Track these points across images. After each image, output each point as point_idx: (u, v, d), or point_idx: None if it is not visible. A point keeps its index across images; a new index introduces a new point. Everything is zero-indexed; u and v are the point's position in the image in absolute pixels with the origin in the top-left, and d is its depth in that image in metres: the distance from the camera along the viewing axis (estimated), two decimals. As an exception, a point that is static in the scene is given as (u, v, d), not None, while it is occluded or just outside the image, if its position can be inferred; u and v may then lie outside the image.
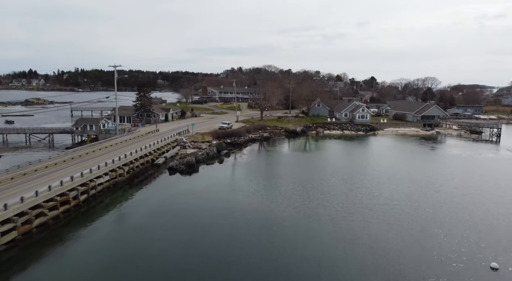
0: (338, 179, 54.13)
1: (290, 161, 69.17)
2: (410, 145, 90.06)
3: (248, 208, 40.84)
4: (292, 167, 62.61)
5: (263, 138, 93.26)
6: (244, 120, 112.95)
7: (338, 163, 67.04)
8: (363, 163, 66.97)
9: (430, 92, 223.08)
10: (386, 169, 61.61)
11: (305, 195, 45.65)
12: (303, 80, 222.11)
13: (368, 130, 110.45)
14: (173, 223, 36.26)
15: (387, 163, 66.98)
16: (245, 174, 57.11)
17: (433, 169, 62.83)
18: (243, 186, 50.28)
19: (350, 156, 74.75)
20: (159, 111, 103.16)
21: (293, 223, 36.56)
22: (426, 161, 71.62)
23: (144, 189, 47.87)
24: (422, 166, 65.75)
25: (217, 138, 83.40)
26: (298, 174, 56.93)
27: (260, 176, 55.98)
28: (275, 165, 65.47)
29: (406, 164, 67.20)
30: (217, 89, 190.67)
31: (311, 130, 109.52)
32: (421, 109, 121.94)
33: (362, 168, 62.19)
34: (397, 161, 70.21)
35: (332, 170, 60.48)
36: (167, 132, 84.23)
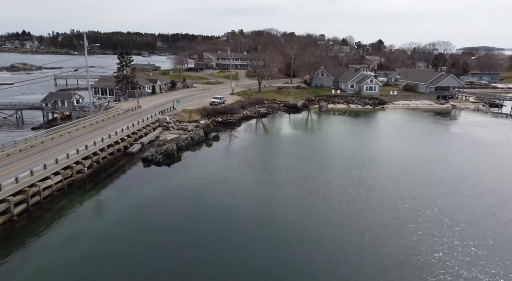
0: (345, 177, 45.21)
1: (288, 146, 60.01)
2: (424, 123, 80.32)
3: (239, 216, 32.42)
4: (290, 155, 53.57)
5: (260, 114, 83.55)
6: (240, 92, 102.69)
7: (342, 150, 57.78)
8: (371, 151, 57.70)
9: (442, 58, 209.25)
10: (400, 159, 52.46)
11: (308, 196, 37.02)
12: (307, 45, 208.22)
13: (377, 104, 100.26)
14: (139, 244, 27.98)
15: (400, 151, 57.72)
16: (235, 165, 48.30)
17: (457, 159, 53.55)
18: (231, 182, 41.66)
19: (355, 139, 65.37)
20: (145, 83, 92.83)
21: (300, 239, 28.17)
22: (447, 147, 62.19)
23: (105, 190, 39.21)
24: (443, 155, 56.44)
25: (206, 116, 73.92)
26: (297, 165, 48.01)
27: (252, 168, 47.14)
28: (271, 152, 56.43)
29: (423, 152, 57.85)
30: (214, 55, 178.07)
31: (313, 104, 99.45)
32: (435, 79, 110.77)
33: (371, 158, 53.03)
34: (411, 147, 60.82)
35: (336, 159, 51.41)
36: (151, 108, 74.61)
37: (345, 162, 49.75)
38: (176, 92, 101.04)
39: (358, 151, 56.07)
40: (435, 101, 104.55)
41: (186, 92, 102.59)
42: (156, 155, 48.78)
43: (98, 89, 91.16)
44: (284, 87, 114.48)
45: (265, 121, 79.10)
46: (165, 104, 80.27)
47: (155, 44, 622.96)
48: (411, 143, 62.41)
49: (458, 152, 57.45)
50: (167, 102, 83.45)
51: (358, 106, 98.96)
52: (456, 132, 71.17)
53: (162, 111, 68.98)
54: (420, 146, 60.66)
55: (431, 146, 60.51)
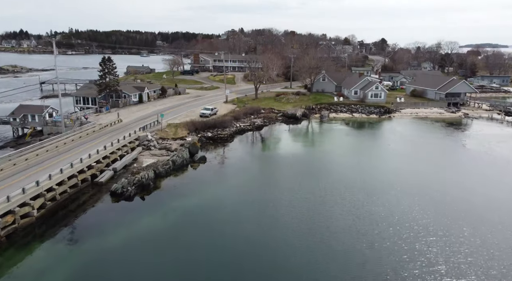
0: (352, 219, 37.70)
1: (284, 169, 52.38)
2: (436, 137, 72.66)
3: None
4: (286, 183, 46.11)
5: (255, 127, 76.03)
6: (235, 100, 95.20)
7: (347, 176, 50.21)
8: (382, 176, 50.11)
9: (448, 59, 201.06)
10: (421, 189, 44.92)
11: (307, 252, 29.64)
12: (308, 46, 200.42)
13: (383, 113, 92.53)
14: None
15: (417, 177, 50.09)
16: (220, 198, 40.96)
17: (490, 189, 46.02)
18: (215, 224, 34.25)
19: (361, 160, 57.66)
20: (131, 91, 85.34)
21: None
22: (469, 170, 54.54)
23: (55, 240, 31.80)
24: (467, 182, 48.89)
25: (195, 130, 66.45)
26: (294, 199, 40.53)
27: (240, 202, 39.78)
28: (264, 179, 48.95)
29: (443, 178, 50.22)
30: (210, 57, 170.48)
31: (314, 113, 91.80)
32: (445, 85, 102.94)
33: (383, 187, 45.48)
34: (428, 170, 53.13)
35: (340, 190, 43.91)
36: (133, 122, 67.24)
37: (351, 196, 42.21)
38: (166, 100, 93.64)
39: (366, 177, 48.48)
40: (445, 109, 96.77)
41: (176, 100, 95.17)
42: (127, 187, 41.40)
43: (80, 98, 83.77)
44: (283, 93, 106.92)
45: (260, 136, 71.58)
46: (150, 116, 72.93)
47: (155, 42, 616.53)
48: (427, 165, 54.73)
49: (485, 177, 49.78)
50: (153, 113, 76.08)
51: (363, 115, 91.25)
52: (474, 149, 63.48)
53: (144, 127, 61.48)
54: (438, 169, 53.03)
55: (452, 170, 52.85)
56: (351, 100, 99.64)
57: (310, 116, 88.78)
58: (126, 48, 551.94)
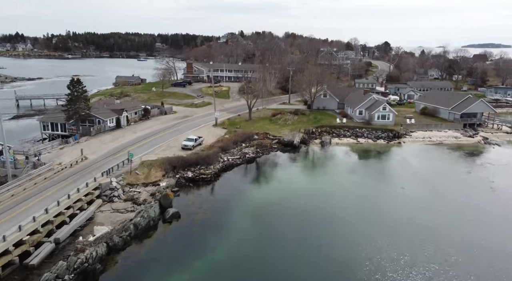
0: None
1: (276, 227, 42.17)
2: (456, 172, 62.41)
3: None
4: (278, 250, 35.97)
5: (246, 160, 65.92)
6: (225, 122, 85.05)
7: (353, 243, 40.00)
8: (395, 239, 39.86)
9: (457, 66, 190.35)
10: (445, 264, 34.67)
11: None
12: (308, 54, 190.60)
13: (391, 138, 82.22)
14: None
15: (448, 243, 39.83)
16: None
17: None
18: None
19: (371, 216, 47.48)
20: (106, 115, 75.15)
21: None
22: (501, 227, 44.27)
23: None
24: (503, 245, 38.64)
25: (173, 170, 56.34)
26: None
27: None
28: (256, 239, 38.80)
29: (484, 250, 40.01)
30: (205, 66, 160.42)
31: (314, 138, 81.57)
32: (460, 104, 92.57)
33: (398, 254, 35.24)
34: (462, 231, 42.91)
35: (346, 267, 33.75)
36: (101, 159, 57.16)
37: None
38: (148, 123, 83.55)
39: (379, 244, 38.24)
40: (462, 132, 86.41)
41: (161, 122, 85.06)
42: (65, 276, 31.34)
43: (48, 124, 73.76)
44: (280, 113, 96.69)
45: (250, 172, 61.45)
46: (125, 147, 62.97)
47: (154, 45, 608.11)
48: (459, 224, 44.51)
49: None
50: (130, 143, 66.15)
51: (369, 140, 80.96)
52: (508, 194, 53.16)
53: (108, 170, 51.25)
54: (472, 230, 42.80)
55: (491, 231, 42.61)
56: (355, 122, 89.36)
57: (310, 142, 78.57)
58: (124, 51, 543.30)
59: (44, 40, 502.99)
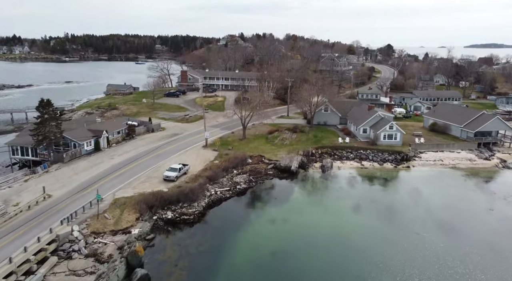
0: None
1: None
2: (475, 207, 54.74)
3: None
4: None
5: (236, 192, 58.33)
6: (217, 142, 77.46)
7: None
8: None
9: (464, 73, 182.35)
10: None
11: None
12: (308, 60, 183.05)
13: (399, 161, 74.49)
14: None
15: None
16: None
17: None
18: None
19: (380, 271, 39.94)
20: (83, 137, 67.58)
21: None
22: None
23: None
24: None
25: (150, 209, 48.83)
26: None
27: None
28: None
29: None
30: (200, 74, 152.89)
31: (313, 160, 73.93)
32: (473, 121, 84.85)
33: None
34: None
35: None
36: (68, 197, 49.64)
37: None
38: (131, 144, 76.04)
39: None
40: (476, 153, 78.61)
41: (146, 142, 77.51)
42: None
43: (18, 148, 66.27)
44: (277, 129, 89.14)
45: (240, 209, 53.86)
46: (99, 179, 55.58)
47: (154, 46, 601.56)
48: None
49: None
50: (107, 172, 58.70)
51: (375, 164, 73.28)
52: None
53: (70, 216, 43.67)
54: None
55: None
56: (359, 141, 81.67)
57: (309, 167, 70.96)
58: (123, 53, 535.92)
59: (41, 42, 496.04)
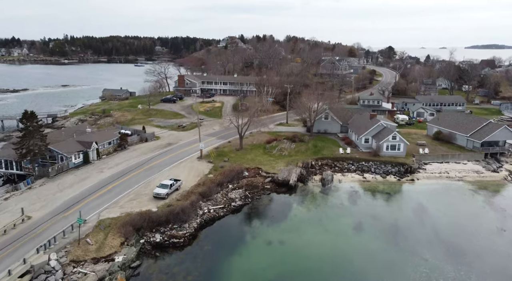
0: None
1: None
2: (485, 228, 51.32)
3: None
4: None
5: (231, 209, 55.03)
6: (212, 153, 74.17)
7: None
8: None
9: (467, 76, 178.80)
10: None
11: None
12: (308, 64, 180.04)
13: (403, 173, 71.16)
14: None
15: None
16: None
17: None
18: None
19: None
20: (71, 149, 64.29)
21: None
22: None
23: None
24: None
25: (137, 232, 45.54)
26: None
27: None
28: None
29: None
30: (197, 79, 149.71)
31: (313, 173, 70.64)
32: (479, 130, 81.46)
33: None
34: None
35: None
36: (50, 217, 46.35)
37: None
38: (123, 156, 72.77)
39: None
40: (483, 165, 75.26)
41: (138, 153, 74.24)
42: None
43: (1, 162, 63.00)
44: (276, 138, 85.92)
45: (235, 230, 50.45)
46: (85, 197, 52.29)
47: (154, 48, 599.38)
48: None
49: None
50: (94, 188, 55.36)
51: (377, 176, 69.95)
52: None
53: (48, 242, 40.31)
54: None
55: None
56: (360, 152, 78.33)
57: (309, 180, 67.67)
58: (122, 55, 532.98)
59: (40, 44, 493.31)
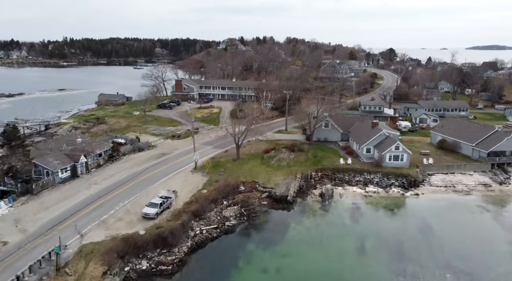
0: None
1: None
2: (498, 253, 48.08)
3: None
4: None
5: (225, 230, 51.81)
6: (207, 164, 70.98)
7: None
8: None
9: (470, 80, 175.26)
10: None
11: None
12: (308, 68, 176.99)
13: (407, 186, 67.93)
14: None
15: None
16: None
17: None
18: None
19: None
20: (58, 164, 61.07)
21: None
22: None
23: None
24: None
25: (121, 258, 42.33)
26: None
27: None
28: None
29: None
30: (195, 84, 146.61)
31: (313, 186, 67.44)
32: (486, 139, 78.20)
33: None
34: None
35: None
36: (27, 243, 43.19)
37: None
38: (114, 168, 69.57)
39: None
40: (491, 176, 72.00)
41: (131, 165, 71.00)
42: None
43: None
44: (274, 148, 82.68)
45: (227, 253, 47.12)
46: (71, 215, 49.13)
47: (154, 50, 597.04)
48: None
49: None
50: (80, 206, 52.18)
51: (380, 190, 66.72)
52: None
53: (21, 274, 37.16)
54: None
55: None
56: (362, 163, 75.07)
57: (308, 194, 64.48)
58: (122, 57, 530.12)
59: (40, 46, 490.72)
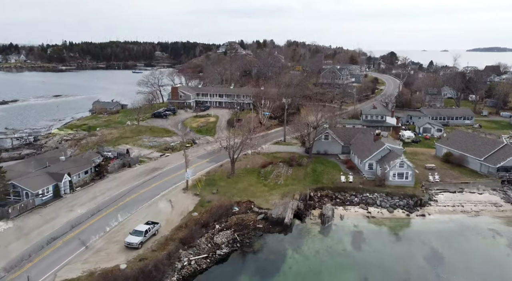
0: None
1: None
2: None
3: None
4: None
5: (216, 259, 47.63)
6: (199, 183, 66.86)
7: None
8: None
9: (474, 86, 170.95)
10: None
11: None
12: (308, 73, 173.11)
13: (412, 207, 63.70)
14: None
15: None
16: None
17: None
18: None
19: None
20: (38, 184, 56.91)
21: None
22: None
23: None
24: None
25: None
26: None
27: None
28: None
29: None
30: (192, 91, 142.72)
31: (312, 206, 63.25)
32: (495, 154, 74.01)
33: None
34: None
35: None
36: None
37: None
38: (101, 186, 65.51)
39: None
40: (502, 196, 67.73)
41: (118, 183, 66.91)
42: None
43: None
44: (271, 161, 78.63)
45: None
46: (49, 243, 44.96)
47: (154, 53, 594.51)
48: None
49: None
50: (58, 233, 48.03)
51: (383, 210, 62.51)
52: None
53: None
54: None
55: None
56: (364, 179, 70.90)
57: (307, 216, 60.30)
58: (122, 60, 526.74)
59: (38, 50, 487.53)
